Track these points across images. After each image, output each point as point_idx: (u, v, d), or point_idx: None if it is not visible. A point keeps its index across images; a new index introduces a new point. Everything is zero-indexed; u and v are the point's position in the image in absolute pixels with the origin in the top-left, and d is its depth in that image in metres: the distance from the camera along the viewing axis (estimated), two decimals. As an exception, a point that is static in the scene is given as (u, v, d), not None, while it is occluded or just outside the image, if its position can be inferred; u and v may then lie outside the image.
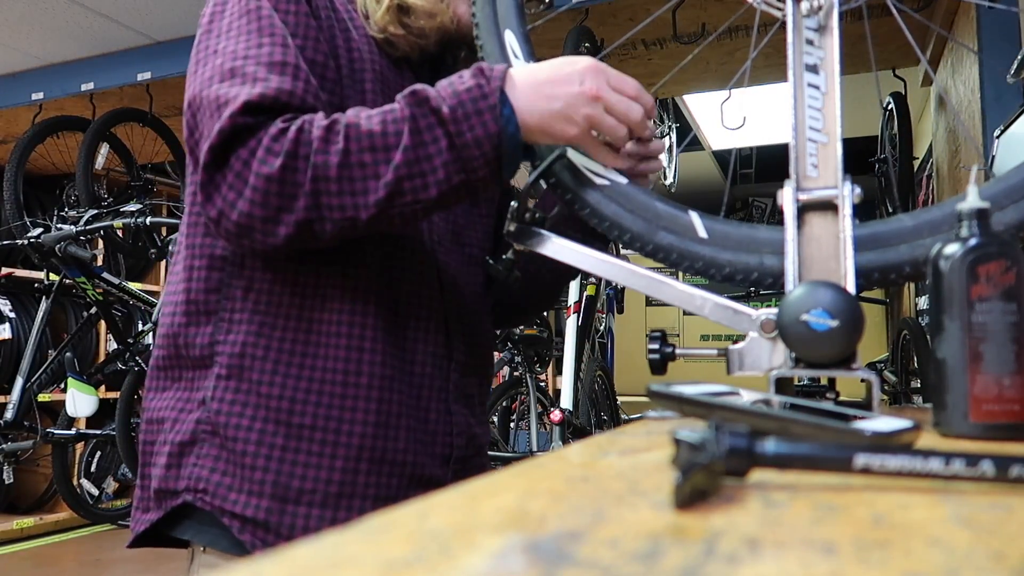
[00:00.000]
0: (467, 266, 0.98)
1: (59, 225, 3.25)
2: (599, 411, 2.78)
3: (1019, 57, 1.66)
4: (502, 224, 0.94)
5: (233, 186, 0.75)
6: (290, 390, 0.82)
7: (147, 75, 3.20)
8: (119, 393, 3.51)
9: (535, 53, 0.89)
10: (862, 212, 0.67)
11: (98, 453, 4.24)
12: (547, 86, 0.78)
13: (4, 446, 3.58)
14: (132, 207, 3.14)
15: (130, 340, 3.52)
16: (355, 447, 0.83)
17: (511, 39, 0.89)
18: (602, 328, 3.38)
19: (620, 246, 0.90)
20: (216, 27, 0.84)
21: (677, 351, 0.74)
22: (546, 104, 0.77)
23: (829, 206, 0.69)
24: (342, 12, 0.92)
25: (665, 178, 4.19)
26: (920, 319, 3.21)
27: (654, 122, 3.86)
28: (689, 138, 5.07)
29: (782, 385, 0.66)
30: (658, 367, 0.73)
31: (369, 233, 0.79)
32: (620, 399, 3.04)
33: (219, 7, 0.86)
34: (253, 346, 0.83)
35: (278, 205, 0.74)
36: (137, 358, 3.51)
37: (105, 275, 3.32)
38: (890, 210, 3.24)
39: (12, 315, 4.15)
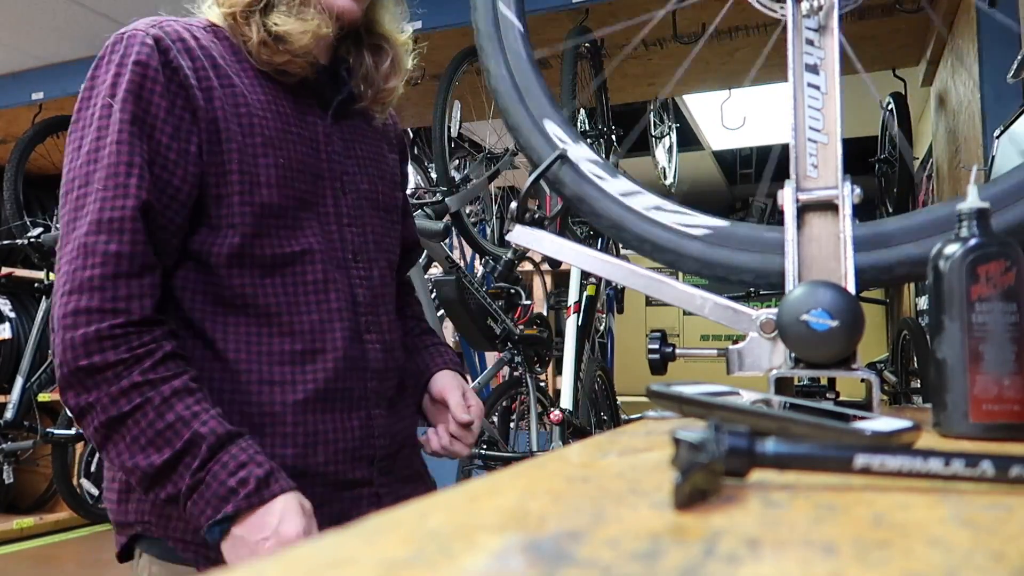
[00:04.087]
0: (384, 273, 1.03)
1: (59, 225, 3.25)
2: (599, 411, 2.78)
3: (1019, 57, 1.66)
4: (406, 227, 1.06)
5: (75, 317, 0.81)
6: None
7: (147, 75, 3.19)
8: (119, 393, 3.50)
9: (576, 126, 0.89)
10: (862, 212, 0.67)
11: (98, 453, 4.23)
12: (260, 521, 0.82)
13: (4, 446, 3.58)
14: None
15: (130, 340, 3.51)
16: (288, 466, 0.87)
17: (553, 128, 0.88)
18: (602, 328, 3.38)
19: (620, 246, 0.90)
20: (81, 120, 0.87)
21: (677, 351, 0.74)
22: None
23: (829, 206, 0.69)
24: (224, 65, 0.92)
25: (665, 178, 4.19)
26: (920, 319, 3.20)
27: (654, 122, 3.82)
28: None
29: (782, 385, 0.66)
30: (658, 367, 0.73)
31: None
32: (620, 399, 3.04)
33: (84, 101, 0.88)
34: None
35: (76, 379, 0.81)
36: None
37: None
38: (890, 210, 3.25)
39: (12, 315, 4.15)
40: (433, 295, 2.26)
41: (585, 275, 2.58)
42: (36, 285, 3.98)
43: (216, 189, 0.88)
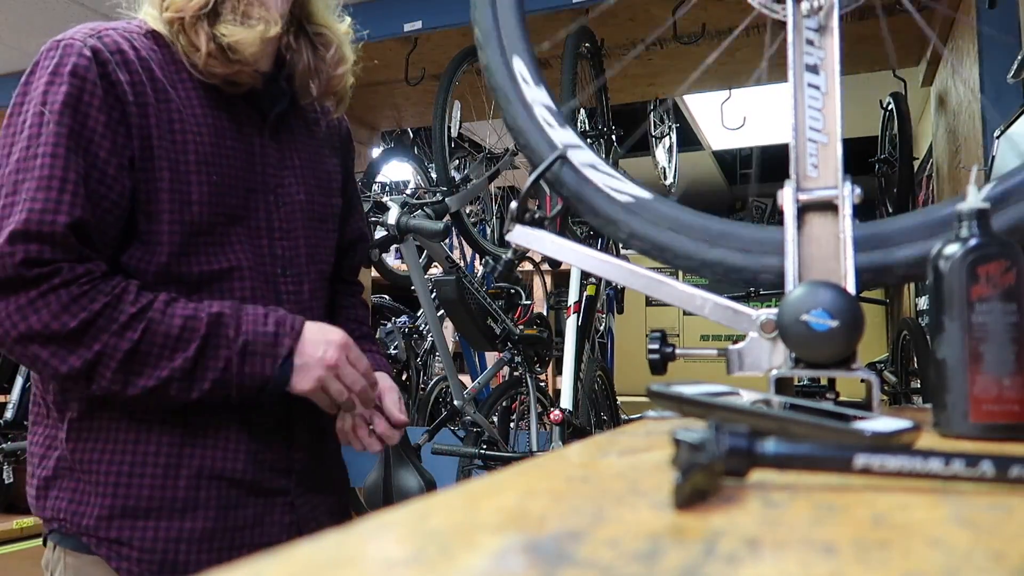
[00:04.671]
0: (315, 286, 1.04)
1: None
2: (599, 411, 2.77)
3: (1019, 57, 1.66)
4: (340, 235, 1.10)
5: (24, 309, 0.81)
6: (135, 428, 0.90)
7: (147, 75, 3.19)
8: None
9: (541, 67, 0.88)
10: (862, 212, 0.67)
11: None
12: (307, 346, 0.91)
13: (4, 446, 3.58)
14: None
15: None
16: (195, 467, 0.91)
17: (520, 67, 0.87)
18: (602, 328, 3.38)
19: (620, 246, 0.91)
20: (12, 126, 0.86)
21: (677, 351, 0.74)
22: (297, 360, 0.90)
23: (829, 206, 0.69)
24: (162, 77, 0.91)
25: (665, 178, 4.19)
26: (920, 319, 3.20)
27: (654, 122, 3.82)
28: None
29: (782, 385, 0.66)
30: (658, 367, 0.73)
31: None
32: (620, 399, 3.04)
33: (17, 106, 0.87)
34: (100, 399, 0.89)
35: (66, 348, 0.82)
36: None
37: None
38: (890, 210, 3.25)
39: (12, 315, 4.15)
40: (433, 295, 2.25)
41: (585, 275, 2.57)
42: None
43: (147, 206, 0.88)
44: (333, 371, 0.91)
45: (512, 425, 2.57)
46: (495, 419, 2.40)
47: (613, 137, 2.92)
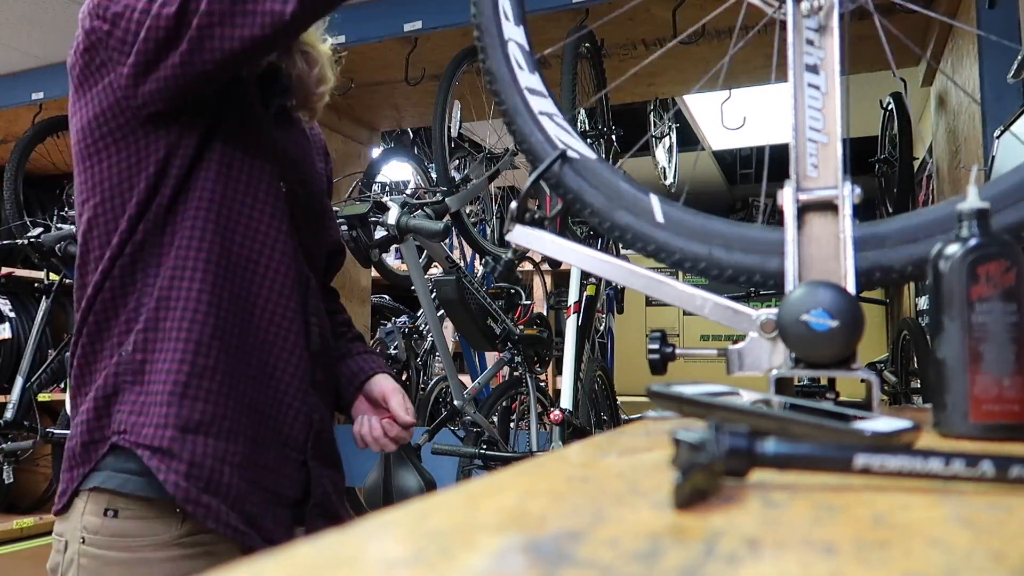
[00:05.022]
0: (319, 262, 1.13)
1: (59, 225, 3.25)
2: (599, 411, 2.77)
3: (1019, 57, 1.66)
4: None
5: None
6: (196, 335, 0.95)
7: (147, 75, 3.19)
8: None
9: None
10: (862, 212, 0.67)
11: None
12: None
13: (4, 446, 3.57)
14: (132, 207, 3.13)
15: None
16: (240, 394, 0.97)
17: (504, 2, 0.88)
18: (602, 328, 3.37)
19: (620, 246, 0.91)
20: None
21: (677, 351, 0.74)
22: None
23: (829, 206, 0.69)
24: None
25: (665, 178, 4.18)
26: (920, 319, 3.20)
27: (654, 122, 3.81)
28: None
29: (782, 385, 0.66)
30: (658, 367, 0.73)
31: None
32: (620, 399, 3.03)
33: None
34: (165, 302, 0.96)
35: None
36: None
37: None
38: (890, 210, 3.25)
39: (12, 315, 4.15)
40: (433, 295, 2.25)
41: (585, 275, 2.57)
42: (36, 285, 3.97)
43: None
44: None
45: (512, 425, 2.57)
46: (495, 419, 2.40)
47: (613, 137, 2.92)
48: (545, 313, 3.06)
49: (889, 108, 3.24)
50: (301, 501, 1.03)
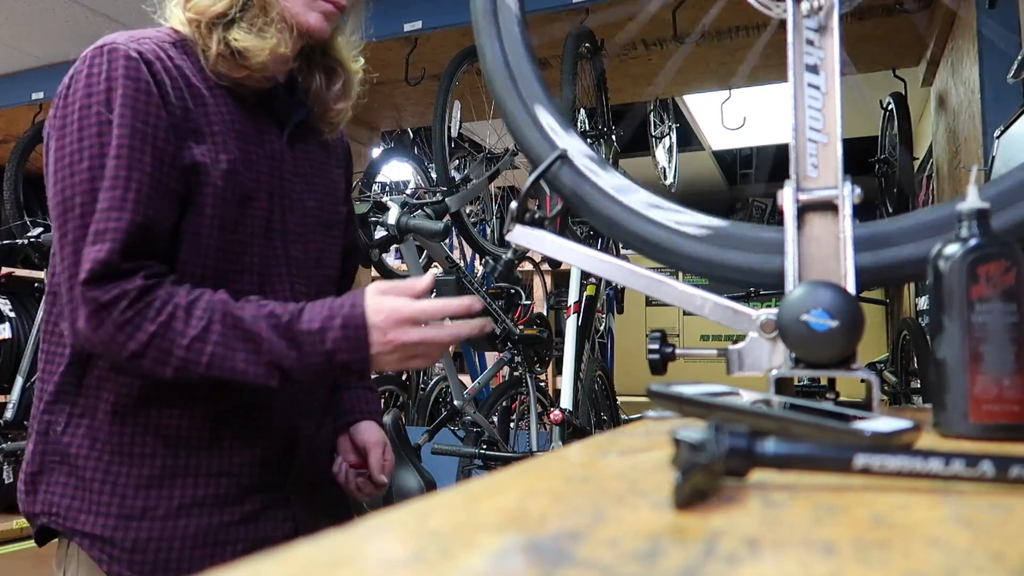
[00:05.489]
0: (323, 289, 1.06)
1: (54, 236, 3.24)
2: (599, 411, 2.77)
3: (1019, 57, 1.66)
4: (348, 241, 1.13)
5: (99, 330, 0.84)
6: (128, 431, 0.91)
7: (147, 75, 3.19)
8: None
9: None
10: (862, 212, 0.67)
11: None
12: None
13: (4, 446, 3.58)
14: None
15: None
16: (192, 467, 0.92)
17: (547, 118, 0.86)
18: (602, 328, 3.37)
19: (620, 246, 0.91)
20: (69, 134, 0.88)
21: (677, 351, 0.74)
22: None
23: (829, 206, 0.69)
24: (196, 82, 0.94)
25: (665, 178, 4.18)
26: (920, 319, 3.21)
27: (654, 122, 3.80)
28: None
29: (782, 385, 0.66)
30: (658, 367, 0.73)
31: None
32: (620, 399, 3.04)
33: (70, 115, 0.88)
34: (96, 391, 0.91)
35: (136, 358, 0.85)
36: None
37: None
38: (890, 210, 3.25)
39: (12, 315, 4.15)
40: (433, 295, 2.25)
41: (585, 275, 2.57)
42: (36, 285, 3.98)
43: (192, 197, 0.91)
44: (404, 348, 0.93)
45: (512, 425, 2.57)
46: (495, 419, 2.40)
47: (613, 137, 2.92)
48: (545, 313, 3.06)
49: (889, 108, 3.25)
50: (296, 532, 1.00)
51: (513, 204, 0.82)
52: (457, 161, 2.90)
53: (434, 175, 2.77)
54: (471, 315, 0.95)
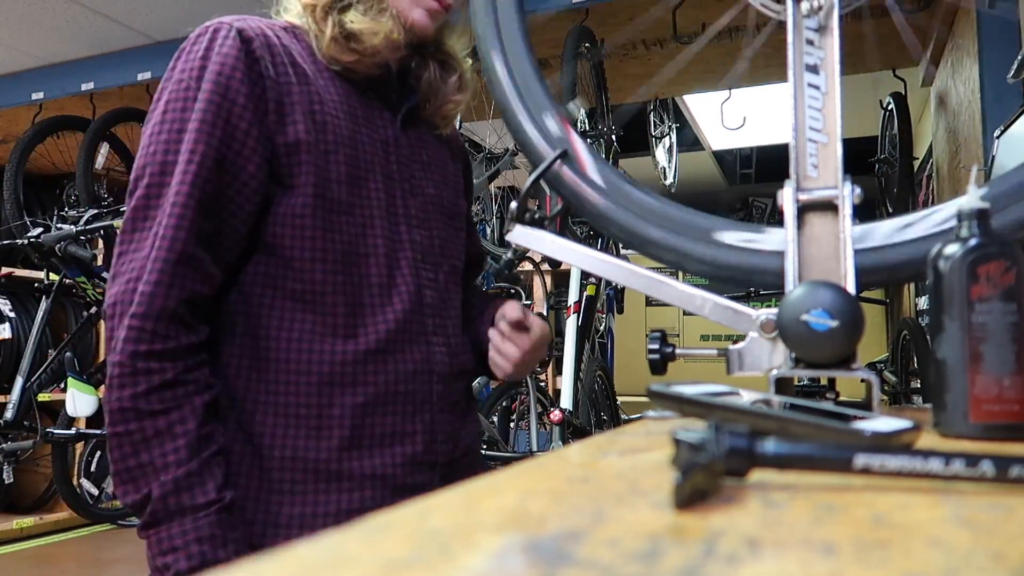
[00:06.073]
0: (449, 277, 1.03)
1: (59, 225, 3.25)
2: (599, 411, 2.77)
3: (1019, 57, 1.66)
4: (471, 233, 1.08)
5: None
6: (268, 427, 0.87)
7: (147, 75, 3.20)
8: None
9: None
10: (862, 212, 0.67)
11: (98, 453, 4.23)
12: None
13: (4, 446, 3.58)
14: (132, 207, 3.13)
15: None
16: (333, 472, 0.88)
17: (552, 123, 0.87)
18: (602, 328, 3.38)
19: (620, 246, 0.91)
20: (159, 109, 0.88)
21: (677, 351, 0.74)
22: None
23: (829, 206, 0.69)
24: (302, 63, 0.93)
25: (665, 178, 4.19)
26: (920, 319, 3.21)
27: (654, 122, 3.81)
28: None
29: (782, 385, 0.66)
30: (658, 367, 0.73)
31: None
32: (620, 399, 3.04)
33: (164, 91, 0.88)
34: (234, 387, 0.88)
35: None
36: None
37: (105, 275, 3.32)
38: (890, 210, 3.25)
39: (12, 315, 4.15)
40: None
41: (585, 275, 2.57)
42: (36, 285, 3.97)
43: (289, 180, 0.89)
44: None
45: (512, 425, 2.57)
46: (495, 419, 2.40)
47: (613, 137, 2.92)
48: (545, 313, 3.06)
49: (889, 108, 3.25)
50: None
51: (513, 204, 0.82)
52: (457, 161, 2.90)
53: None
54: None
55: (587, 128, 2.92)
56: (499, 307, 1.07)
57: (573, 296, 2.53)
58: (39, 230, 3.18)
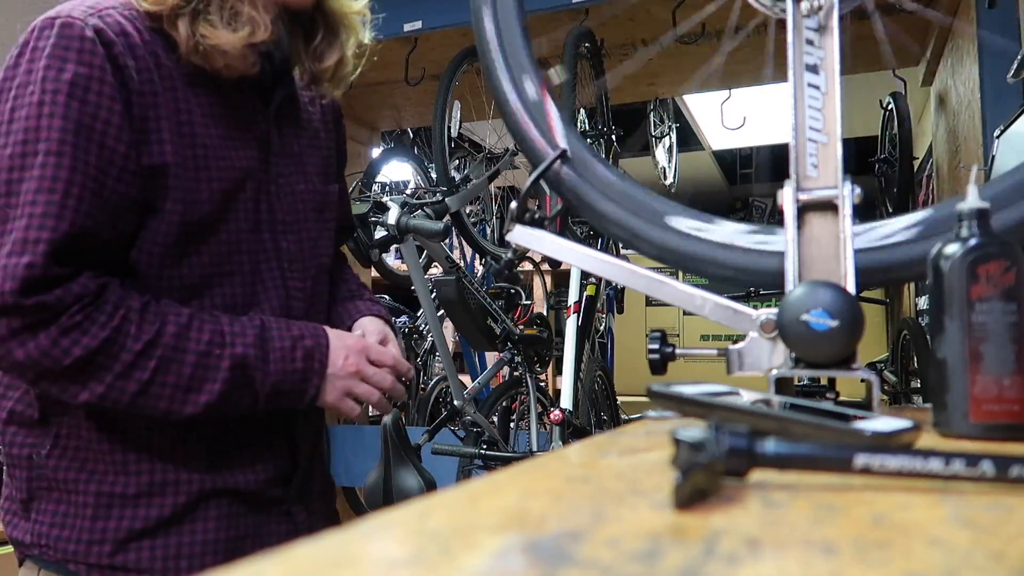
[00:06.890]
0: (318, 278, 1.01)
1: None
2: (599, 411, 2.77)
3: (1019, 57, 1.66)
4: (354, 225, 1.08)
5: (9, 341, 0.77)
6: (119, 448, 0.86)
7: None
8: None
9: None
10: (862, 212, 0.67)
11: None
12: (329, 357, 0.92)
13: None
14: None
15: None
16: (196, 482, 0.88)
17: (530, 87, 0.87)
18: (602, 328, 3.37)
19: (620, 246, 0.92)
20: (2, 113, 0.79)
21: (677, 351, 0.74)
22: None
23: (829, 206, 0.69)
24: (166, 61, 0.85)
25: (665, 178, 4.18)
26: (920, 319, 3.20)
27: (653, 123, 3.79)
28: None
29: (782, 385, 0.66)
30: (658, 367, 0.73)
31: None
32: (620, 399, 3.03)
33: (4, 93, 0.80)
34: (86, 432, 0.86)
35: (69, 383, 0.79)
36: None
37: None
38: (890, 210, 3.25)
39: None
40: (433, 295, 2.25)
41: (585, 275, 2.57)
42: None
43: (153, 202, 0.83)
44: (357, 376, 0.93)
45: (512, 425, 2.57)
46: (495, 419, 2.40)
47: (613, 137, 2.92)
48: (545, 313, 3.06)
49: (889, 108, 3.24)
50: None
51: (513, 204, 0.82)
52: (457, 161, 2.90)
53: (434, 175, 2.77)
54: (408, 379, 1.00)
55: (587, 128, 2.92)
56: (356, 318, 1.05)
57: (573, 296, 2.53)
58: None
